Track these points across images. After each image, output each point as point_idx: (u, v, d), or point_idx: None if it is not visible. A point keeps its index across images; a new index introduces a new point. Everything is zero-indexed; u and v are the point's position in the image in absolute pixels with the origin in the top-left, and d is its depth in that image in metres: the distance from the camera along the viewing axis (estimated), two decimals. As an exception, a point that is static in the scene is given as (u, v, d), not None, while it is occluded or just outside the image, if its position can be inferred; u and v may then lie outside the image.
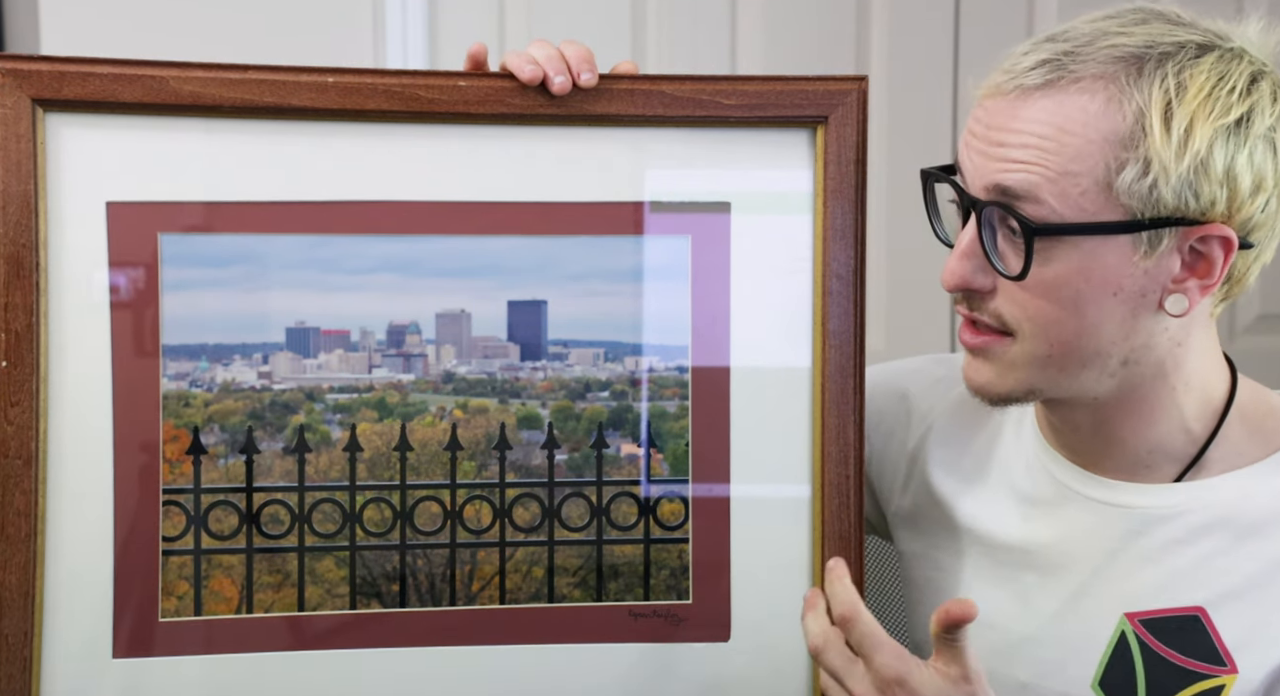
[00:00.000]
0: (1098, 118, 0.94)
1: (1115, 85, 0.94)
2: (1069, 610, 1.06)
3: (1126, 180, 0.93)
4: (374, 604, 1.09)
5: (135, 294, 1.05)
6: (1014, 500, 1.12)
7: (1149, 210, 0.94)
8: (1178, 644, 1.00)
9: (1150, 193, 0.93)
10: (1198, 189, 0.93)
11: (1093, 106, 0.94)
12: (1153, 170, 0.93)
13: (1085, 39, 0.96)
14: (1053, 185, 0.95)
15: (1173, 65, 0.94)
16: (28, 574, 1.03)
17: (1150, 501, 1.04)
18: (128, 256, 1.05)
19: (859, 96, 1.10)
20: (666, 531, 1.12)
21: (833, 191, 1.10)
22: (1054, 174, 0.94)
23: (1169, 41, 0.95)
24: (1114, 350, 0.99)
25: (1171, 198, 0.93)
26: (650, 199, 1.10)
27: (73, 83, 1.02)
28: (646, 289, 1.11)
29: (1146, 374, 1.01)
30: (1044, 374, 1.01)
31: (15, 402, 1.02)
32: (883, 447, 1.21)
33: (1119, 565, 1.04)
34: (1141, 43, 0.95)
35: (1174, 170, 0.93)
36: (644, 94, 1.08)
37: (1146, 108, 0.93)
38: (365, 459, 1.09)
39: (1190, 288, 0.97)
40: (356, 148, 1.07)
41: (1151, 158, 0.93)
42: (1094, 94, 0.94)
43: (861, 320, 1.12)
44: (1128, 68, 0.94)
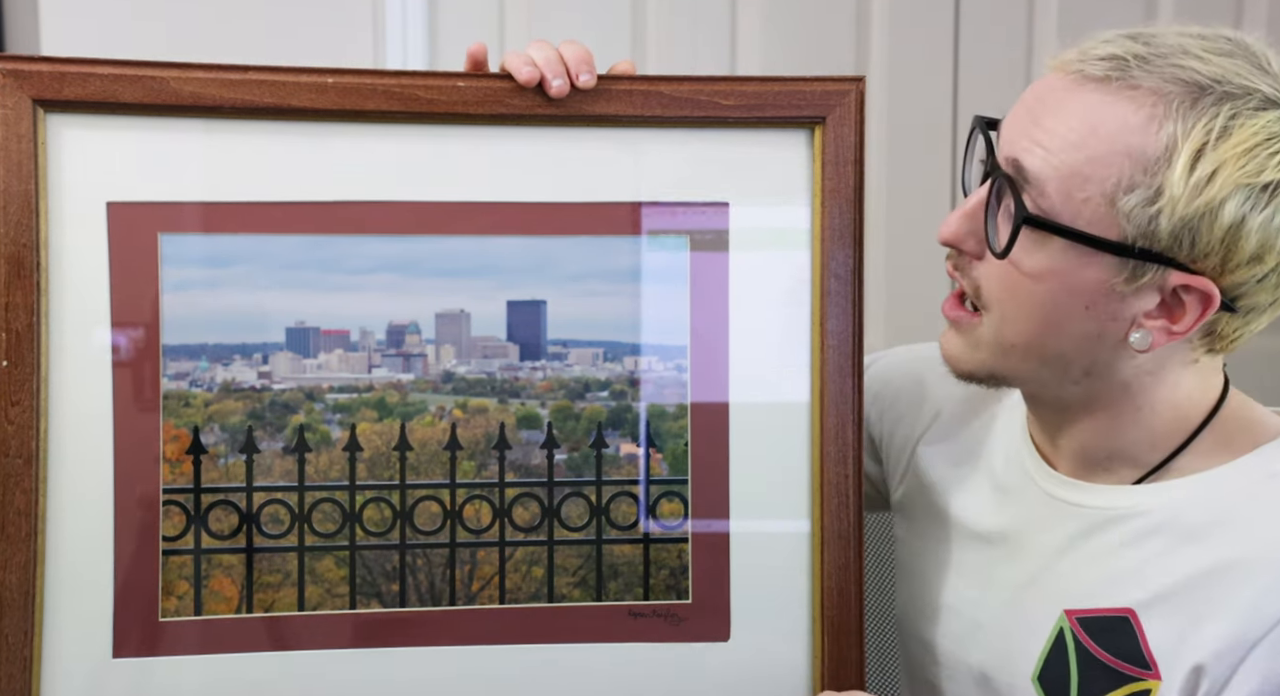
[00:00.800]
0: (1132, 131, 0.93)
1: (1166, 106, 0.92)
2: (1017, 601, 1.07)
3: (1131, 202, 0.92)
4: (374, 604, 1.09)
5: (135, 294, 1.05)
6: (990, 488, 1.13)
7: (1142, 239, 0.93)
8: (1108, 644, 1.00)
9: (1149, 222, 0.92)
10: (1196, 235, 0.92)
11: (1134, 119, 0.93)
12: (1160, 201, 0.92)
13: (1164, 50, 0.94)
14: (1062, 182, 0.94)
15: (1229, 107, 0.91)
16: (28, 573, 1.03)
17: (1102, 502, 1.04)
18: (128, 256, 1.05)
19: (856, 97, 1.10)
20: (666, 531, 1.12)
21: (830, 191, 1.11)
22: (1067, 171, 0.94)
23: (1239, 83, 0.92)
24: (1074, 358, 0.99)
25: (1167, 235, 0.92)
26: (649, 199, 1.11)
27: (73, 83, 1.02)
28: (645, 289, 1.11)
29: (1112, 390, 1.01)
30: (1005, 361, 1.02)
31: (15, 402, 1.02)
32: (893, 430, 1.22)
33: (1065, 561, 1.05)
34: (1213, 74, 0.92)
35: (1180, 209, 0.91)
36: (642, 94, 1.08)
37: (1181, 139, 0.91)
38: (365, 458, 1.09)
39: (1158, 328, 0.96)
40: (356, 148, 1.07)
41: (1164, 188, 0.92)
42: (1141, 107, 0.93)
43: (860, 320, 1.12)
44: (1185, 94, 0.92)
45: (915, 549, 1.19)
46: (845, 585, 1.11)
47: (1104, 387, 1.01)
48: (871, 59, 2.18)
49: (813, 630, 1.12)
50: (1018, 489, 1.11)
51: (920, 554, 1.18)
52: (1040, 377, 1.02)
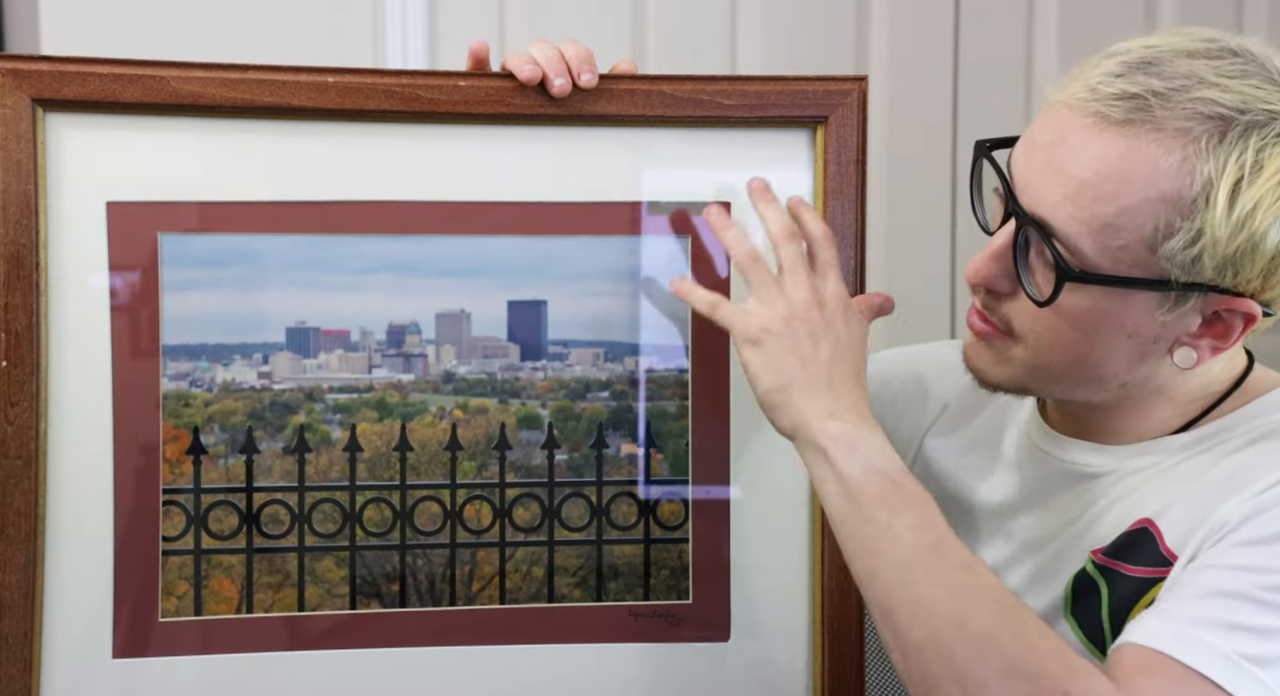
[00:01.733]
0: (1165, 176, 0.92)
1: (1194, 146, 0.91)
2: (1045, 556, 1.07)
3: (1173, 247, 0.92)
4: (374, 604, 1.09)
5: (135, 294, 1.05)
6: (1002, 467, 1.13)
7: (1185, 276, 0.93)
8: (1135, 559, 1.01)
9: (1193, 263, 0.92)
10: (1240, 267, 0.93)
11: (1165, 163, 0.92)
12: (1201, 242, 0.92)
13: (1179, 82, 0.92)
14: (1096, 235, 0.93)
15: (1257, 138, 0.91)
16: (28, 574, 1.03)
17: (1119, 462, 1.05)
18: (128, 256, 1.05)
19: (859, 96, 1.10)
20: (666, 531, 1.12)
21: (833, 191, 1.10)
22: (1099, 224, 0.93)
23: (1262, 109, 0.92)
24: (1114, 378, 1.00)
25: (1212, 270, 0.93)
26: (650, 199, 1.10)
27: (73, 83, 1.02)
28: (647, 289, 1.10)
29: (1146, 390, 1.02)
30: (1038, 379, 1.02)
31: (15, 402, 1.02)
32: (894, 427, 1.22)
33: (1088, 513, 1.05)
34: (1235, 103, 0.91)
35: (1223, 248, 0.92)
36: (644, 94, 1.08)
37: (1216, 178, 0.91)
38: (365, 459, 1.09)
39: (1203, 346, 0.98)
40: (356, 148, 1.07)
41: (1205, 230, 0.91)
42: (1170, 150, 0.92)
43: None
44: (1213, 130, 0.91)
45: None
46: (845, 585, 1.11)
47: (1138, 391, 1.02)
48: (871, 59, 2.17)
49: (813, 630, 1.12)
50: (1028, 461, 1.11)
51: None
52: (1074, 392, 1.03)
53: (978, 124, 2.14)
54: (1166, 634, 0.90)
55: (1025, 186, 0.97)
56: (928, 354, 1.27)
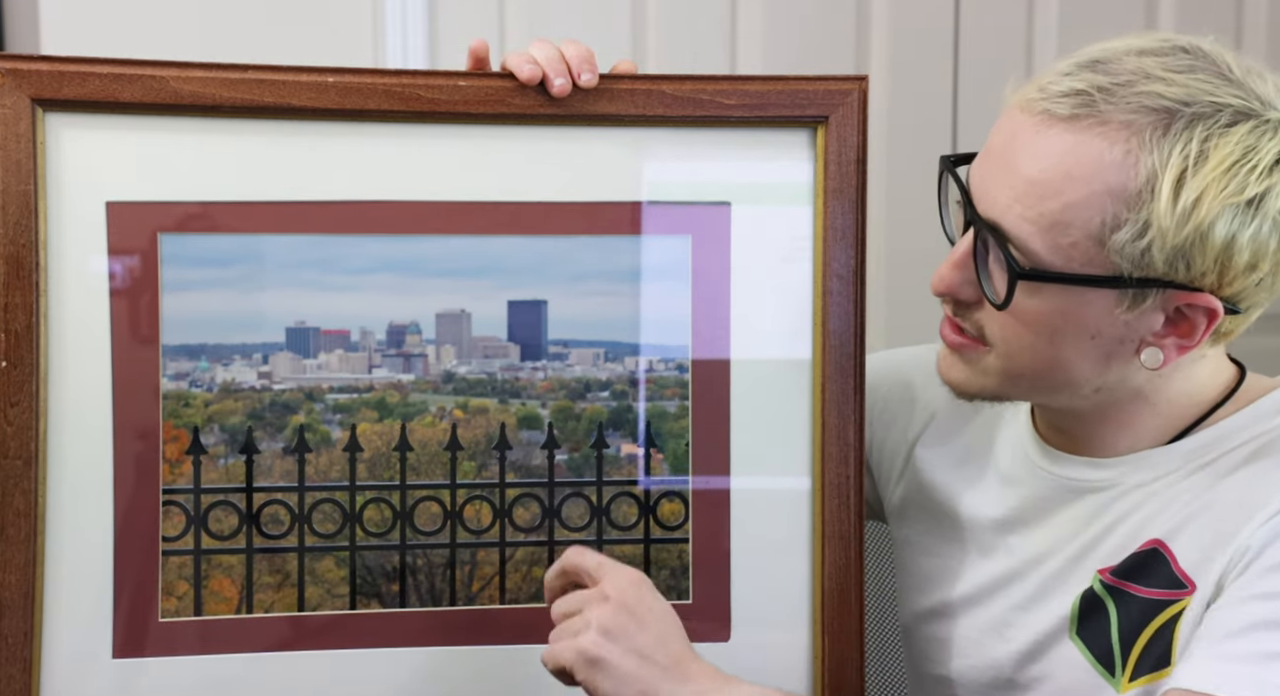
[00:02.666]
0: (1110, 169, 0.92)
1: (1138, 139, 0.92)
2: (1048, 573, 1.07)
3: (1120, 240, 0.93)
4: (374, 604, 1.09)
5: (135, 294, 1.05)
6: (997, 480, 1.13)
7: (1137, 271, 0.93)
8: (1144, 579, 1.01)
9: (1142, 256, 0.93)
10: (1190, 259, 0.92)
11: (1109, 156, 0.92)
12: (1149, 234, 0.92)
13: (1126, 77, 0.93)
14: (1045, 233, 0.94)
15: (1201, 129, 0.91)
16: (28, 574, 1.03)
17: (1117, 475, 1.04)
18: (127, 256, 1.05)
19: (860, 96, 1.10)
20: (666, 531, 1.12)
21: (833, 191, 1.10)
22: (1048, 222, 0.94)
23: (1208, 101, 0.92)
24: (1086, 383, 1.00)
25: (1162, 263, 0.93)
26: (650, 199, 1.10)
27: (72, 82, 1.02)
28: (647, 289, 1.10)
29: (1123, 396, 1.02)
30: (1015, 387, 1.03)
31: (15, 403, 1.02)
32: (884, 435, 1.22)
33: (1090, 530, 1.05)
34: (1179, 96, 0.92)
35: (1171, 239, 0.92)
36: (644, 94, 1.08)
37: (1161, 169, 0.91)
38: (365, 459, 1.09)
39: (1169, 344, 0.97)
40: (356, 148, 1.06)
41: (1151, 222, 0.92)
42: (1114, 143, 0.92)
43: (862, 320, 1.12)
44: (1156, 122, 0.92)
45: (923, 548, 1.18)
46: (845, 585, 1.11)
47: (1117, 396, 1.02)
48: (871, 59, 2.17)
49: (813, 630, 1.12)
50: (1024, 476, 1.11)
51: (930, 553, 1.17)
52: (1051, 397, 1.04)
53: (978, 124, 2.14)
54: (1208, 674, 0.90)
55: (981, 193, 0.98)
56: (916, 358, 1.27)
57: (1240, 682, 0.89)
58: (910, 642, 1.21)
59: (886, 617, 1.51)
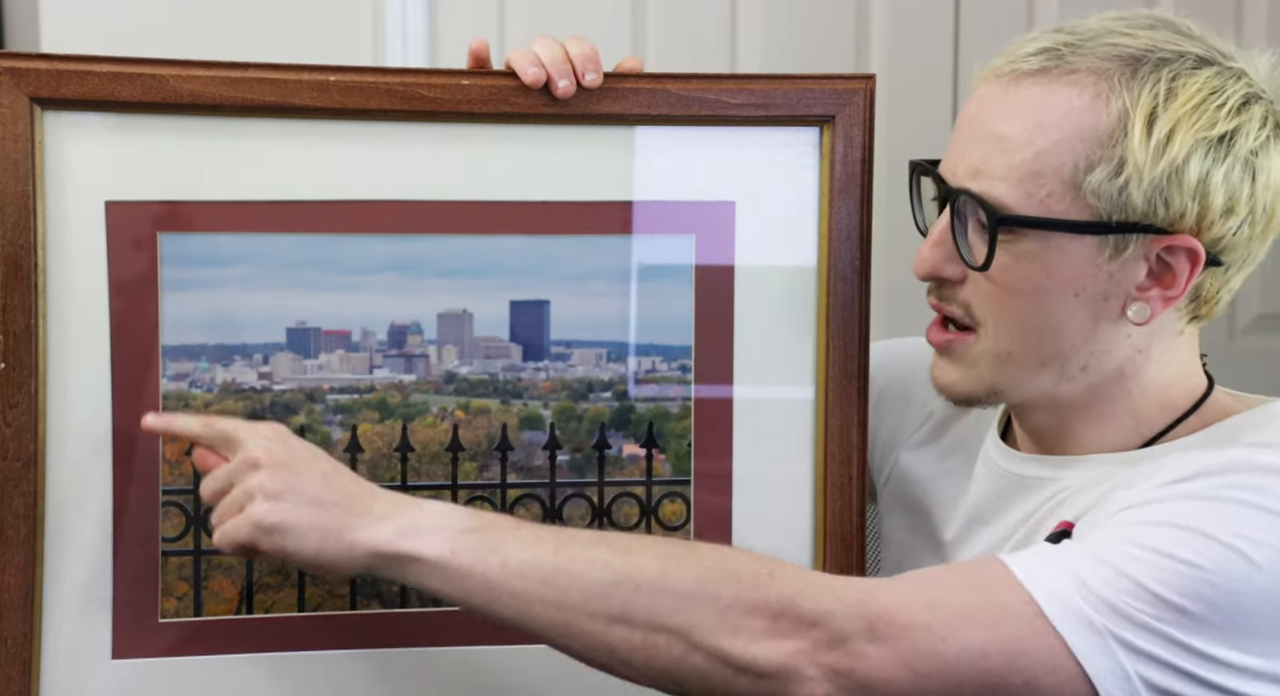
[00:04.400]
0: (1080, 112, 0.94)
1: (1106, 82, 0.94)
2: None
3: (1096, 179, 0.94)
4: (374, 604, 1.09)
5: (135, 294, 1.05)
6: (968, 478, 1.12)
7: (1117, 213, 0.94)
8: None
9: (1120, 194, 0.94)
10: (1169, 197, 0.94)
11: (1079, 101, 0.95)
12: (1125, 171, 0.93)
13: (1090, 34, 0.97)
14: (1018, 188, 0.96)
15: (1168, 71, 0.94)
16: (27, 575, 1.02)
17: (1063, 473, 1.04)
18: (127, 256, 1.04)
19: (866, 96, 1.10)
20: (668, 532, 1.12)
21: (839, 191, 1.10)
22: (1019, 176, 0.95)
23: (1171, 49, 0.95)
24: (1073, 353, 1.00)
25: (1141, 202, 0.94)
26: (654, 198, 1.10)
27: (71, 81, 1.02)
28: (650, 289, 1.10)
29: (1105, 377, 1.02)
30: (1004, 372, 1.02)
31: (14, 404, 1.02)
32: (877, 424, 1.22)
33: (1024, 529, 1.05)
34: (1144, 46, 0.95)
35: (1147, 174, 0.93)
36: (648, 93, 1.08)
37: (1132, 108, 0.93)
38: (366, 460, 1.09)
39: (1153, 297, 0.98)
40: (357, 147, 1.06)
41: (1126, 158, 0.93)
42: (1083, 88, 0.95)
43: (866, 320, 1.12)
44: (1123, 67, 0.95)
45: (899, 544, 1.19)
46: (847, 586, 1.11)
47: (1099, 377, 1.01)
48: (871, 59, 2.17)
49: (814, 631, 1.12)
50: (984, 475, 1.11)
51: (903, 548, 1.18)
52: (1039, 382, 1.02)
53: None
54: (1020, 557, 0.91)
55: (951, 169, 1.00)
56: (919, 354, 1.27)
57: (1036, 563, 0.90)
58: None
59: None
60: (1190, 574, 0.88)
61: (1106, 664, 0.88)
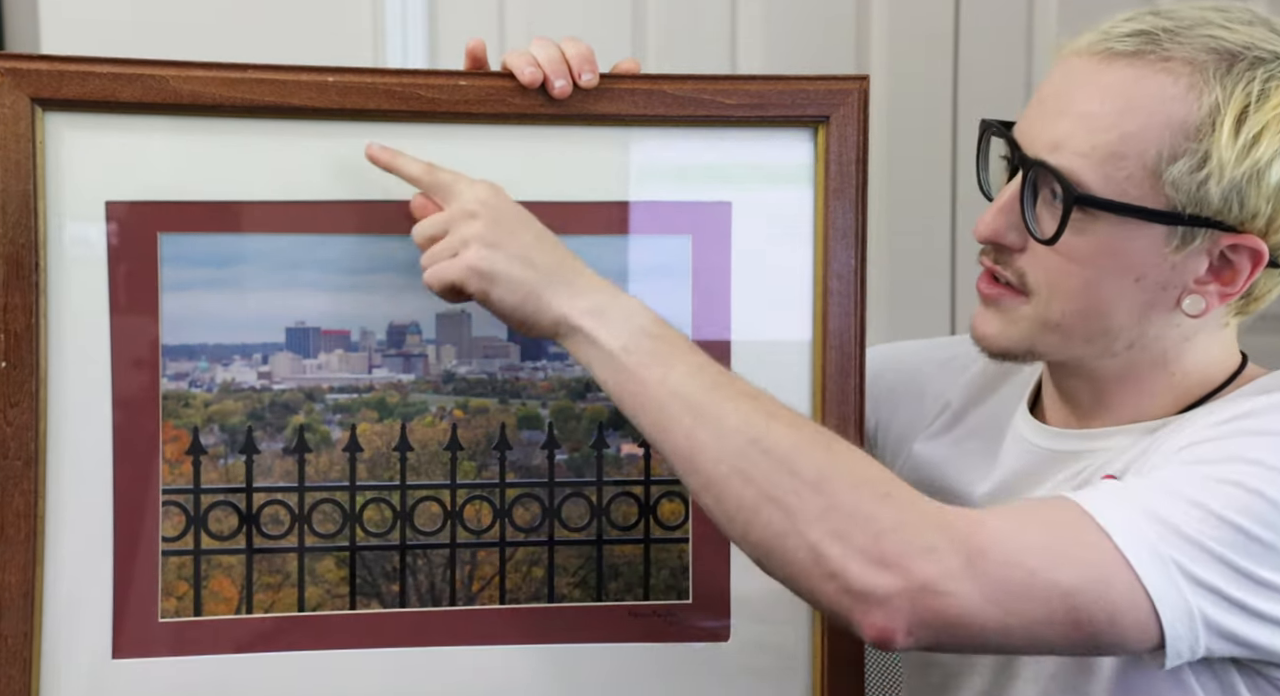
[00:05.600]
0: (1172, 101, 0.94)
1: (1202, 74, 0.94)
2: None
3: (1178, 171, 0.94)
4: (374, 604, 1.09)
5: (135, 294, 1.05)
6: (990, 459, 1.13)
7: (1192, 206, 0.94)
8: None
9: (1199, 189, 0.94)
10: (1245, 197, 0.94)
11: (1172, 89, 0.94)
12: (1208, 166, 0.93)
13: (1189, 23, 0.96)
14: (1099, 168, 0.95)
15: (1263, 71, 0.94)
16: (27, 574, 1.03)
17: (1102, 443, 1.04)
18: (127, 256, 1.05)
19: (860, 96, 1.10)
20: (667, 531, 1.12)
21: (834, 191, 1.10)
22: (1102, 156, 0.95)
23: (1268, 49, 0.95)
24: (1122, 333, 1.00)
25: (1218, 199, 0.94)
26: (651, 199, 1.10)
27: (72, 82, 1.02)
28: (647, 289, 1.10)
29: (1148, 358, 1.02)
30: (1047, 338, 1.02)
31: (15, 403, 1.02)
32: (890, 419, 1.22)
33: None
34: (1242, 42, 0.95)
35: (1229, 173, 0.93)
36: (645, 93, 1.08)
37: (1224, 104, 0.93)
38: (365, 459, 1.09)
39: (1210, 292, 0.98)
40: (357, 148, 1.06)
41: (1211, 153, 0.93)
42: (1177, 77, 0.94)
43: (862, 320, 1.12)
44: (1220, 61, 0.94)
45: None
46: (846, 585, 1.11)
47: (1142, 357, 1.02)
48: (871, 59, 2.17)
49: (813, 630, 1.12)
50: (1012, 452, 1.11)
51: None
52: (1081, 353, 1.03)
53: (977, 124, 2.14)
54: (1092, 495, 0.91)
55: (1030, 137, 0.99)
56: (924, 351, 1.27)
57: (1105, 498, 0.90)
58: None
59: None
60: (1256, 502, 0.89)
61: (1172, 597, 0.87)
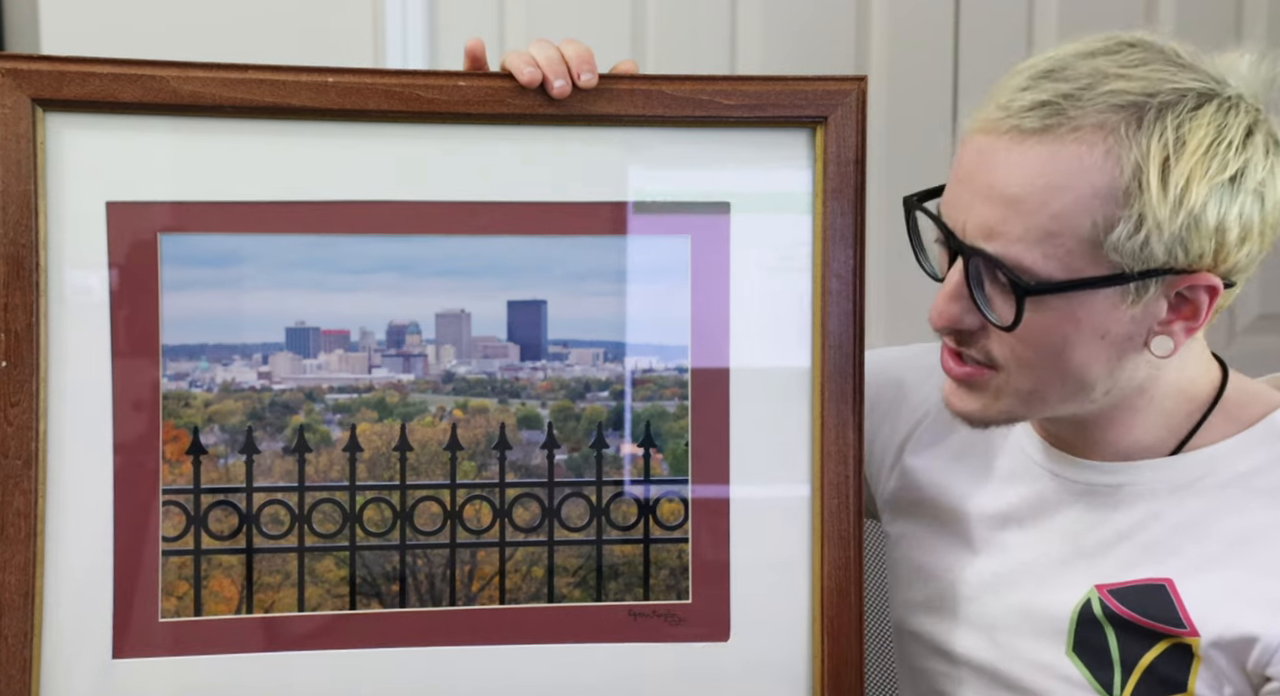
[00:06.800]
0: (1093, 171, 0.93)
1: (1114, 136, 0.92)
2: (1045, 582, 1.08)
3: (1116, 237, 0.93)
4: (374, 604, 1.09)
5: (135, 294, 1.05)
6: (995, 478, 1.13)
7: (1138, 264, 0.94)
8: (1141, 608, 1.02)
9: (1141, 249, 0.93)
10: (1188, 244, 0.93)
11: (1089, 159, 0.93)
12: (1145, 226, 0.92)
13: (1085, 81, 0.94)
14: (1038, 249, 0.94)
15: (1172, 117, 0.92)
16: (27, 574, 1.03)
17: (1122, 478, 1.05)
18: (128, 256, 1.05)
19: (859, 96, 1.10)
20: (666, 531, 1.12)
21: (832, 192, 1.10)
22: (1038, 237, 0.94)
23: (1169, 89, 0.93)
24: (1098, 384, 1.01)
25: (1162, 253, 0.93)
26: (650, 199, 1.10)
27: (72, 82, 1.02)
28: (646, 289, 1.11)
29: (1128, 396, 1.03)
30: (1027, 405, 1.03)
31: (15, 403, 1.02)
32: (874, 433, 1.22)
33: (1090, 538, 1.06)
34: (1142, 89, 0.93)
35: (1168, 227, 0.92)
36: (643, 94, 1.08)
37: (1144, 162, 0.92)
38: (365, 459, 1.09)
39: (1176, 329, 0.98)
40: (357, 147, 1.07)
41: (1146, 214, 0.92)
42: (1092, 146, 0.93)
43: (861, 321, 1.12)
44: (1128, 118, 0.93)
45: (915, 541, 1.19)
46: (845, 585, 1.11)
47: (1122, 397, 1.03)
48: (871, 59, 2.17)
49: (812, 630, 1.12)
50: (1023, 474, 1.11)
51: (923, 546, 1.17)
52: (1061, 409, 1.04)
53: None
54: None
55: (961, 222, 0.98)
56: (907, 357, 1.27)
57: None
58: (901, 638, 1.21)
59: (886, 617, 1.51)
60: None
61: None
